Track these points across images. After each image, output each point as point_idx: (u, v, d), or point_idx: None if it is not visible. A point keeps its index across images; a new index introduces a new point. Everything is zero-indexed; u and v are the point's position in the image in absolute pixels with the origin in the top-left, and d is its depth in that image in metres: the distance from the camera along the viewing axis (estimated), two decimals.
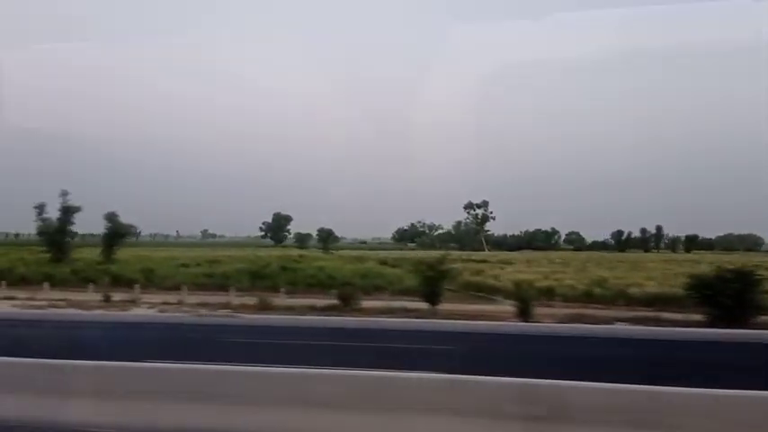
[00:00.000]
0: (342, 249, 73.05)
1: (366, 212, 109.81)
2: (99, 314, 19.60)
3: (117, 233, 37.27)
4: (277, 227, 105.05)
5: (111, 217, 37.24)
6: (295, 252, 59.35)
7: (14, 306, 21.57)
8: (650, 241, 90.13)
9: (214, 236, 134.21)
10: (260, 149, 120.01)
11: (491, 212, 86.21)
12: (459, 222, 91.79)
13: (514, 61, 76.96)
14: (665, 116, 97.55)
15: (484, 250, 73.45)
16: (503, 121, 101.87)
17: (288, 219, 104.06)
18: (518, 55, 75.94)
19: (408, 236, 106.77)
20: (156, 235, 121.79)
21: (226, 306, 21.30)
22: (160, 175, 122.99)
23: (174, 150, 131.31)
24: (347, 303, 20.95)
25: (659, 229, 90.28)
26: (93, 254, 37.20)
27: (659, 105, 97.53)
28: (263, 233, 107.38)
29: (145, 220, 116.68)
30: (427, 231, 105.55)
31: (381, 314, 19.53)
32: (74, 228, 36.70)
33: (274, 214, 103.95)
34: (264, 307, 20.85)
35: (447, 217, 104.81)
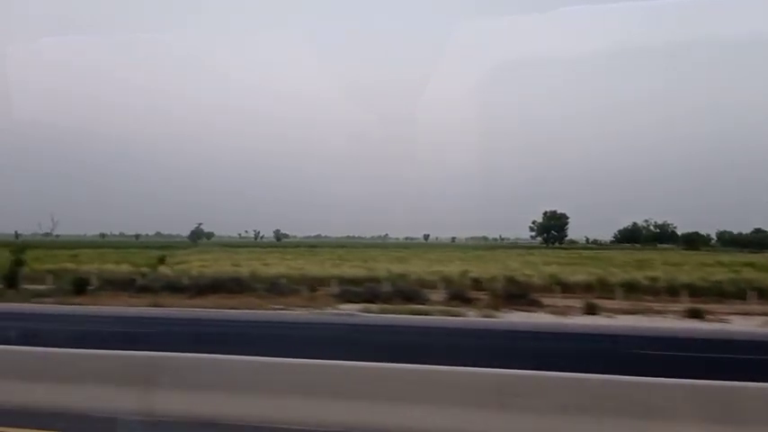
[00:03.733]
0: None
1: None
2: None
3: None
4: (548, 227, 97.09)
5: None
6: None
7: None
8: None
9: (287, 236, 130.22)
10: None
11: None
12: None
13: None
14: None
15: None
16: None
17: (564, 217, 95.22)
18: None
19: (629, 234, 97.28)
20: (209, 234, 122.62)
21: None
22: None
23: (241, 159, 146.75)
24: None
25: None
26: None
27: None
28: (533, 233, 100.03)
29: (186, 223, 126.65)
30: (654, 230, 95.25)
31: None
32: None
33: (546, 213, 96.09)
34: None
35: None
